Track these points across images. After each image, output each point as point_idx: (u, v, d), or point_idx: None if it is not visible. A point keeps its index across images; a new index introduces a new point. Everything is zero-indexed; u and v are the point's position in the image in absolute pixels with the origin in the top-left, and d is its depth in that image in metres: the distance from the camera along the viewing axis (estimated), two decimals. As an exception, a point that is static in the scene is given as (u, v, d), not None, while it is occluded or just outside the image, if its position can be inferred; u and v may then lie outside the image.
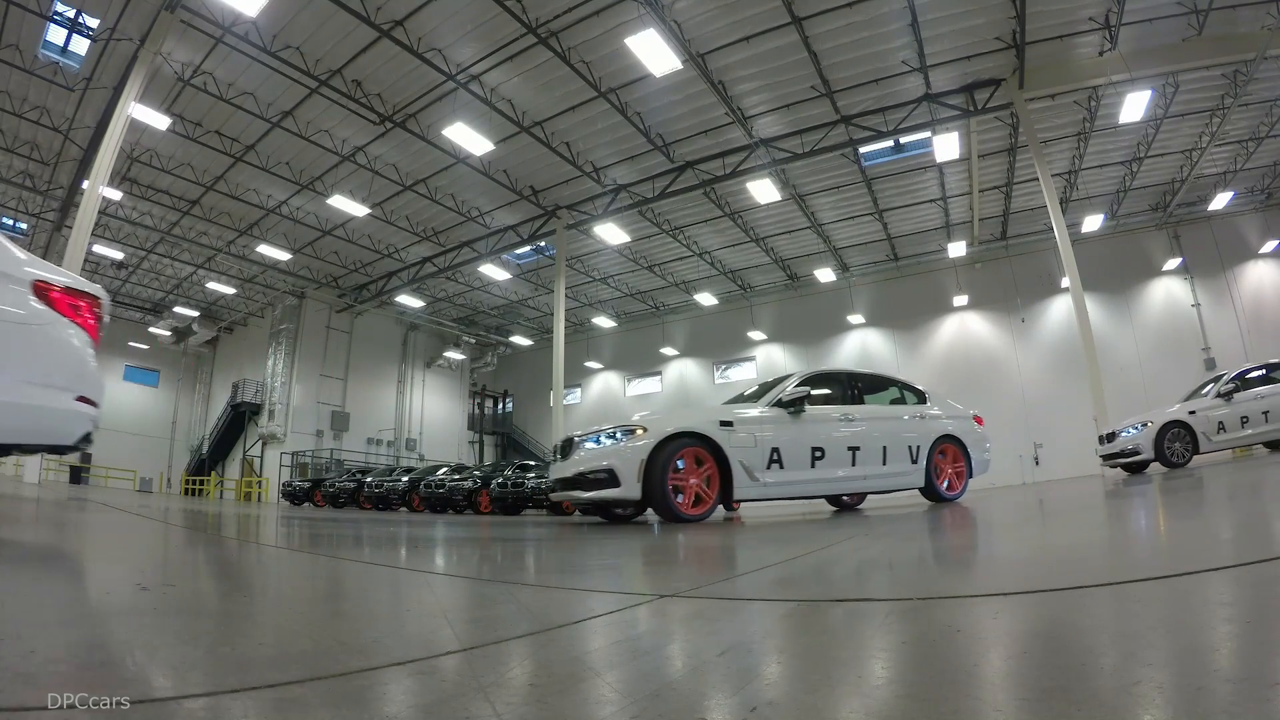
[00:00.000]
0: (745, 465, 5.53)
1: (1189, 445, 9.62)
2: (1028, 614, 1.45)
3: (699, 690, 1.03)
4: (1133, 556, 2.34)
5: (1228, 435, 9.60)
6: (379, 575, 2.38)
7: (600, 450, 5.48)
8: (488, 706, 0.90)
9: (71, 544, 2.57)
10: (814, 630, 1.42)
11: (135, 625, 1.27)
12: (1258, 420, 9.56)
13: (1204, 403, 9.85)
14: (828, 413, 6.44)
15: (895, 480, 6.76)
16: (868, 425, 6.63)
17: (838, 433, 6.33)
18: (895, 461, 6.66)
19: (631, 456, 5.27)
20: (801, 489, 6.06)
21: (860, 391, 6.98)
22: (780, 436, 5.88)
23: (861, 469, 6.40)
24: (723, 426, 5.58)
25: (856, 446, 6.36)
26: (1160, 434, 9.64)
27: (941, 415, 7.37)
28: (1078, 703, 0.82)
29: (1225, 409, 9.68)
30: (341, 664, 1.09)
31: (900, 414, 7.12)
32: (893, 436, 6.72)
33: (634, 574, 2.42)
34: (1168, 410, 10.07)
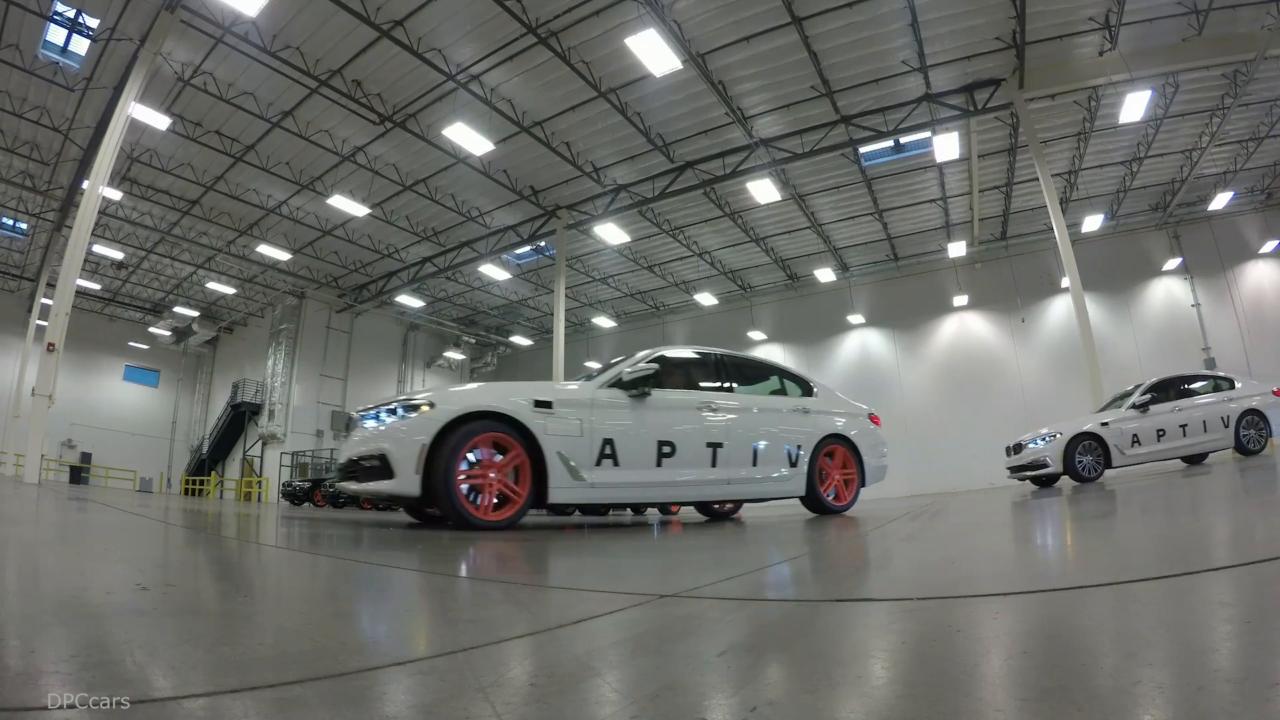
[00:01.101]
0: (566, 459, 4.39)
1: (1100, 459, 9.18)
2: (1028, 614, 1.45)
3: (699, 690, 1.03)
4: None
5: (1142, 449, 9.20)
6: (379, 575, 2.38)
7: (375, 431, 4.25)
8: (488, 706, 0.90)
9: (71, 543, 2.57)
10: (815, 630, 1.42)
11: (135, 625, 1.27)
12: (1174, 434, 9.24)
13: (1118, 414, 9.47)
14: (683, 399, 5.24)
15: (768, 486, 5.61)
16: (735, 418, 5.46)
17: (694, 425, 5.17)
18: (769, 464, 5.58)
19: (409, 440, 4.02)
20: (643, 493, 4.91)
21: (729, 377, 5.84)
22: (617, 425, 4.75)
23: (724, 471, 5.26)
24: (538, 408, 4.40)
25: (719, 443, 5.22)
26: (1070, 446, 9.18)
27: (830, 411, 6.28)
28: (1078, 703, 0.82)
29: (1140, 421, 9.30)
30: (341, 664, 1.09)
31: (778, 407, 5.95)
32: (767, 433, 5.65)
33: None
34: (1078, 421, 9.64)
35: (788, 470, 5.72)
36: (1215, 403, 9.54)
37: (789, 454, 5.73)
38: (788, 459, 5.73)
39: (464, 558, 2.88)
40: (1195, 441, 9.34)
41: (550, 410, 4.45)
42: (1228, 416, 9.36)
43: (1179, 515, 3.59)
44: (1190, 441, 9.31)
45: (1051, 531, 3.46)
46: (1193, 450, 9.48)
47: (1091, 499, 5.58)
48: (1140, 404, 9.43)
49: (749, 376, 6.20)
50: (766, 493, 5.71)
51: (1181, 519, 3.41)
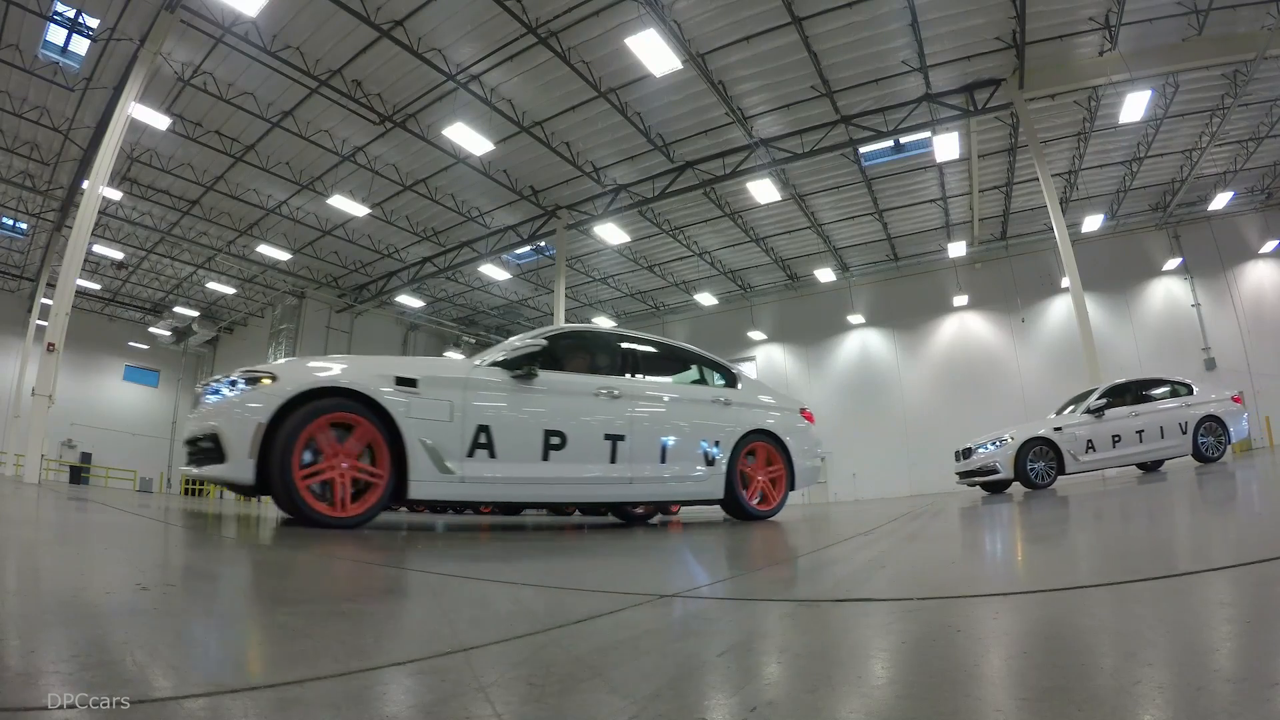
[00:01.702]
0: (431, 447, 3.76)
1: (1053, 465, 8.87)
2: (1028, 614, 1.45)
3: (699, 690, 1.03)
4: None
5: (1097, 455, 8.91)
6: (379, 575, 2.37)
7: (212, 407, 3.58)
8: (488, 706, 0.90)
9: (71, 543, 2.57)
10: (815, 629, 1.42)
11: (135, 625, 1.27)
12: (1131, 440, 8.98)
13: (1072, 419, 9.18)
14: (577, 383, 4.58)
15: (679, 488, 4.94)
16: (641, 407, 4.80)
17: (590, 414, 4.52)
18: (680, 461, 4.92)
19: (243, 417, 3.39)
20: (526, 491, 4.24)
21: (637, 362, 5.11)
22: (495, 410, 4.11)
23: (626, 468, 4.59)
24: (400, 386, 3.76)
25: (619, 436, 4.56)
26: (1021, 451, 8.88)
27: (755, 404, 5.67)
28: (1078, 703, 0.82)
29: (1095, 426, 8.99)
30: (342, 663, 1.09)
31: (695, 397, 5.33)
32: (679, 426, 5.00)
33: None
34: (1031, 425, 9.36)
35: (703, 469, 5.07)
36: (1173, 408, 9.31)
37: (705, 451, 5.08)
38: (704, 457, 5.07)
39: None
40: (1152, 448, 9.10)
41: (415, 390, 3.80)
42: (1186, 423, 9.13)
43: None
44: (1147, 448, 9.08)
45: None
46: (1149, 457, 9.24)
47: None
48: (1095, 409, 9.13)
49: (661, 362, 5.48)
50: (677, 495, 5.02)
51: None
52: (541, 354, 4.44)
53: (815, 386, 25.24)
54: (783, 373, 25.93)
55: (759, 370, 26.61)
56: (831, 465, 23.78)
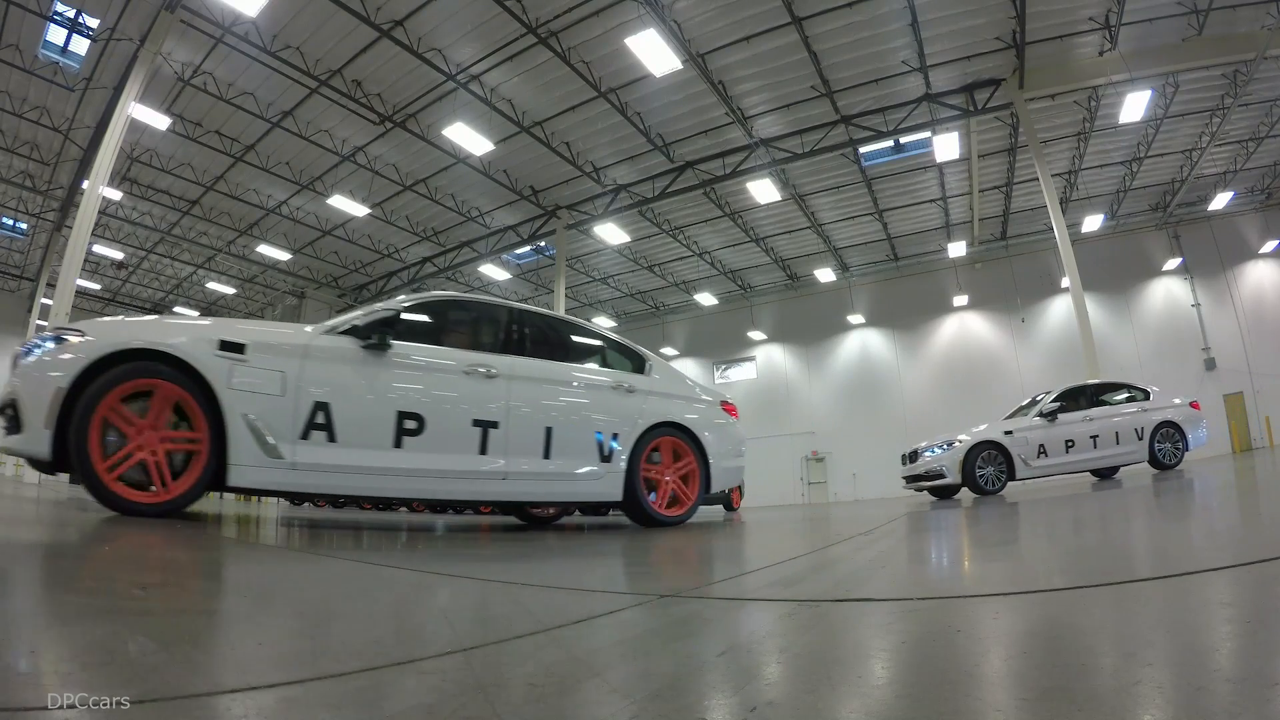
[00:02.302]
0: (257, 426, 3.17)
1: (1003, 470, 8.54)
2: (1028, 614, 1.45)
3: (699, 690, 1.03)
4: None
5: (1049, 460, 8.61)
6: (378, 575, 2.38)
7: (19, 369, 3.09)
8: (488, 706, 0.90)
9: (72, 543, 2.57)
10: (814, 629, 1.42)
11: (136, 625, 1.27)
12: (1084, 446, 8.67)
13: (1023, 422, 8.87)
14: (444, 359, 3.91)
15: (566, 486, 4.28)
16: (521, 390, 4.11)
17: (457, 394, 3.84)
18: (568, 455, 4.25)
19: (41, 380, 2.93)
20: (371, 483, 3.55)
21: (524, 338, 4.42)
22: (338, 385, 3.47)
23: (499, 461, 3.91)
24: (225, 352, 3.18)
25: (492, 422, 3.88)
26: (970, 455, 8.53)
27: (665, 394, 4.97)
28: (1078, 703, 0.82)
29: (1047, 430, 8.68)
30: (341, 664, 1.09)
31: (590, 381, 4.63)
32: (569, 414, 4.35)
33: None
34: (980, 429, 9.00)
35: (598, 465, 4.37)
36: (1129, 414, 9.03)
37: (600, 444, 4.39)
38: (598, 451, 4.38)
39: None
40: (1107, 454, 8.78)
41: (242, 356, 3.22)
42: (1142, 428, 8.85)
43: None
44: (1101, 454, 8.76)
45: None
46: (1104, 463, 8.95)
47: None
48: (1048, 412, 8.84)
49: (555, 341, 4.77)
50: (564, 495, 4.36)
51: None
52: (403, 322, 3.83)
53: (815, 386, 25.26)
54: (783, 373, 25.94)
55: (759, 370, 26.61)
56: (832, 465, 23.79)
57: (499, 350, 4.23)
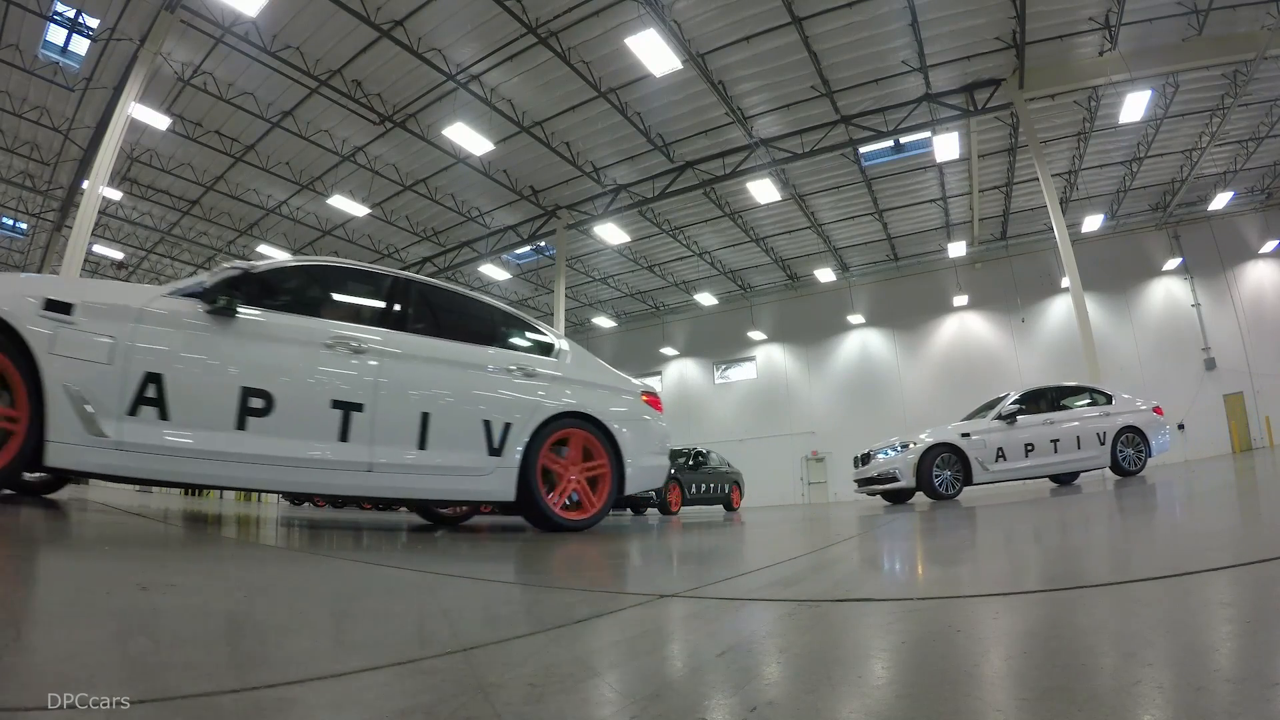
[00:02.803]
0: (79, 397, 2.78)
1: (960, 474, 8.17)
2: (1028, 614, 1.45)
3: (699, 690, 1.03)
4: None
5: (1008, 464, 8.28)
6: (378, 575, 2.38)
7: None
8: (488, 706, 0.90)
9: (72, 543, 2.57)
10: (815, 629, 1.43)
11: (136, 625, 1.27)
12: (1045, 450, 8.36)
13: (981, 425, 8.55)
14: (303, 329, 3.39)
15: (445, 482, 3.72)
16: (395, 368, 3.58)
17: (315, 371, 3.34)
18: (449, 445, 3.68)
19: None
20: (209, 470, 3.06)
21: (407, 311, 3.89)
22: (174, 355, 3.04)
23: (364, 449, 3.39)
24: (50, 312, 2.79)
25: (355, 404, 3.37)
26: (925, 458, 8.15)
27: (574, 380, 4.42)
28: (1078, 703, 0.82)
29: (1006, 433, 8.35)
30: (342, 664, 1.09)
31: (482, 362, 4.03)
32: (451, 399, 3.76)
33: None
34: (936, 431, 8.68)
35: (485, 459, 3.81)
36: (1091, 418, 8.75)
37: (489, 434, 3.83)
38: (485, 441, 3.82)
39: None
40: (1068, 459, 8.49)
41: (68, 318, 2.81)
42: (1104, 433, 8.58)
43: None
44: (1062, 458, 8.46)
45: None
46: (1064, 468, 8.67)
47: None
48: (1007, 414, 8.55)
49: (444, 316, 4.20)
50: (442, 491, 3.78)
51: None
52: (259, 285, 3.35)
53: (815, 387, 25.26)
54: (783, 373, 25.95)
55: (759, 370, 26.60)
56: (832, 465, 23.78)
57: (374, 323, 3.70)
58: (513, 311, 4.65)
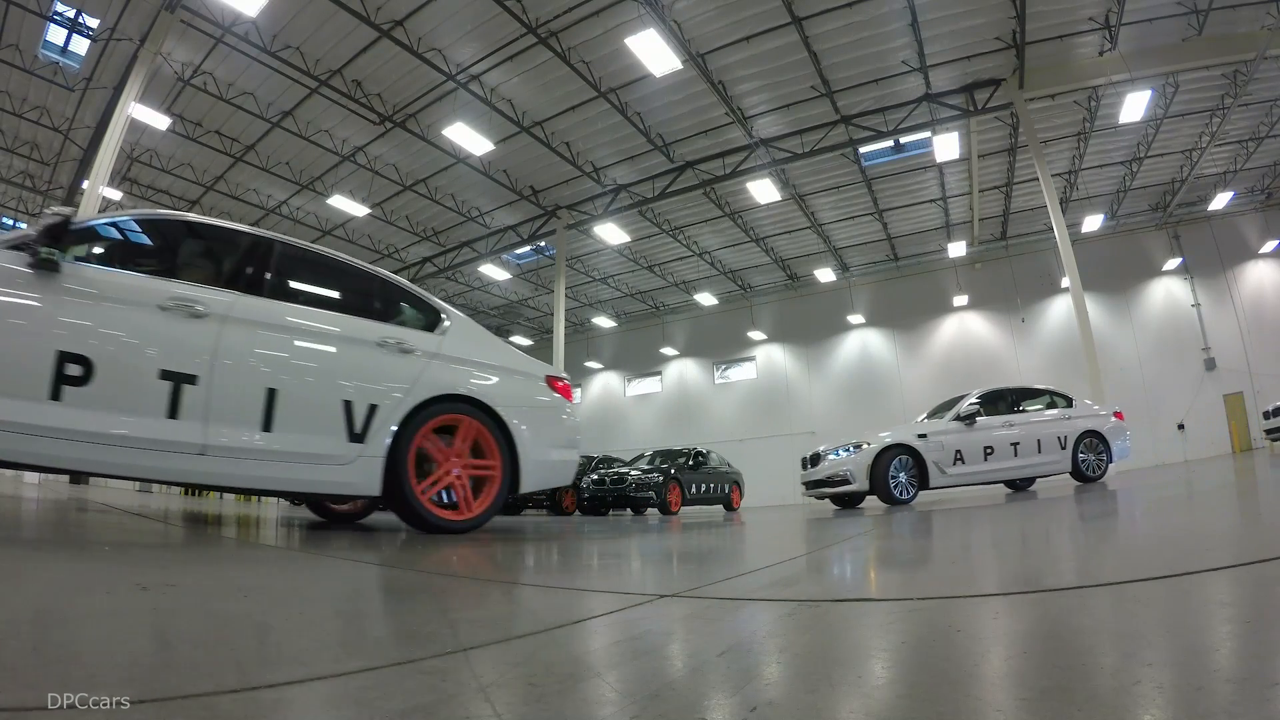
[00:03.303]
0: None
1: (915, 477, 7.79)
2: (1028, 614, 1.45)
3: (699, 690, 1.03)
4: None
5: (966, 468, 7.89)
6: (379, 575, 2.38)
7: None
8: (488, 706, 0.90)
9: (72, 543, 2.58)
10: (815, 629, 1.43)
11: (136, 625, 1.27)
12: (1005, 453, 8.02)
13: (939, 425, 8.15)
14: (134, 287, 2.93)
15: (294, 470, 3.16)
16: (237, 335, 3.09)
17: (144, 335, 2.87)
18: (299, 427, 3.17)
19: None
20: (13, 445, 2.58)
21: (266, 275, 3.41)
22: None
23: (198, 429, 2.91)
24: None
25: (188, 376, 2.90)
26: (879, 460, 7.73)
27: (460, 359, 3.87)
28: (1078, 703, 0.82)
29: (965, 435, 7.97)
30: (342, 664, 1.09)
31: (348, 334, 3.50)
32: (304, 374, 3.28)
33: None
34: (891, 431, 8.27)
35: (344, 445, 3.30)
36: (1052, 421, 8.49)
37: (350, 417, 3.32)
38: (346, 425, 3.31)
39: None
40: (1028, 463, 8.18)
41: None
42: (1065, 437, 8.30)
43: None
44: (1022, 462, 8.14)
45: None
46: (1024, 473, 8.39)
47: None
48: (966, 415, 8.14)
49: (311, 281, 3.72)
50: (289, 481, 3.20)
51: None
52: (88, 237, 2.99)
53: (815, 387, 25.26)
54: (783, 373, 25.95)
55: (759, 370, 26.58)
56: (831, 465, 23.75)
57: (224, 286, 3.21)
58: (394, 279, 4.06)
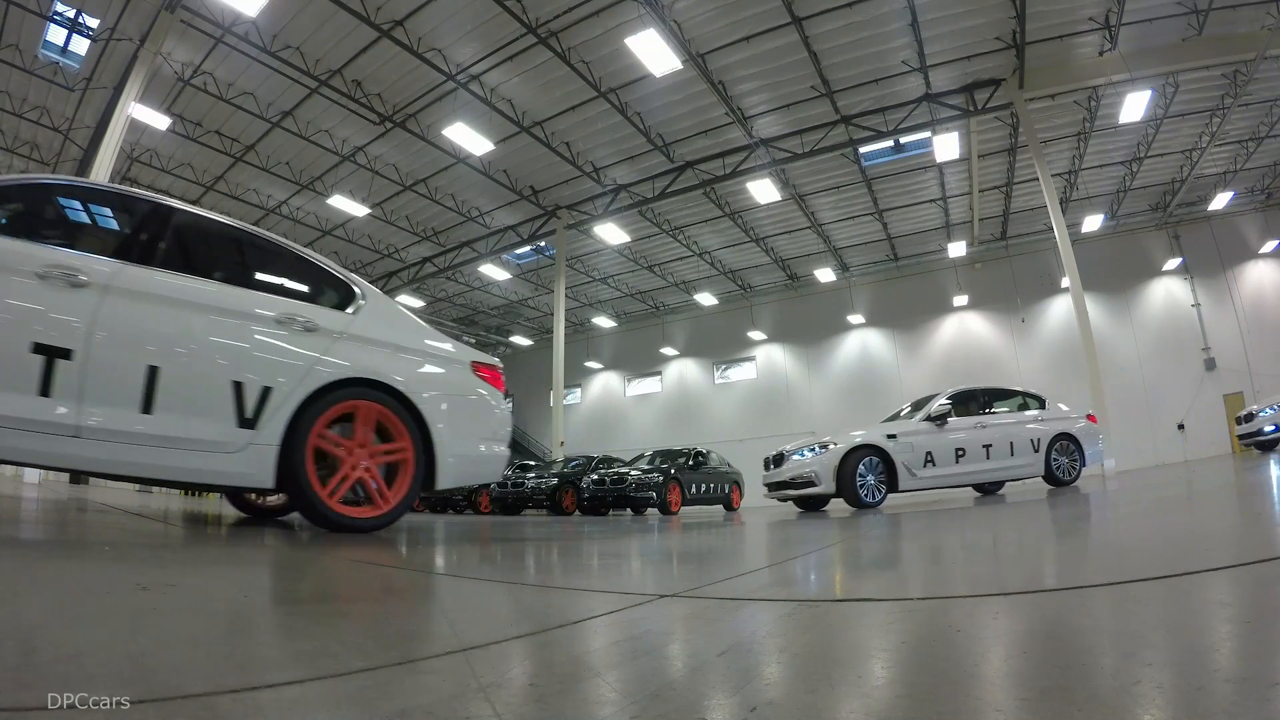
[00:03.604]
0: None
1: (883, 479, 7.59)
2: (1028, 614, 1.45)
3: (699, 690, 1.03)
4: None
5: (937, 470, 7.67)
6: (378, 575, 2.38)
7: None
8: (488, 706, 0.90)
9: (72, 543, 2.57)
10: (815, 629, 1.43)
11: (136, 625, 1.27)
12: (977, 456, 7.86)
13: (909, 425, 7.95)
14: (7, 252, 2.64)
15: (176, 457, 2.85)
16: (119, 307, 2.82)
17: (14, 302, 2.61)
18: (184, 410, 2.89)
19: None
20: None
21: (160, 245, 3.19)
22: None
23: (71, 409, 2.63)
24: None
25: (63, 350, 2.62)
26: (846, 461, 7.47)
27: (371, 340, 3.54)
28: (1078, 703, 0.82)
29: (936, 436, 7.80)
30: (342, 664, 1.09)
31: (244, 308, 3.20)
32: (190, 351, 2.98)
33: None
34: (859, 432, 8.01)
35: (233, 431, 2.99)
36: (1025, 423, 8.34)
37: (240, 400, 3.01)
38: (235, 408, 3.00)
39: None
40: (1001, 466, 8.00)
41: None
42: (1038, 440, 8.14)
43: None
44: (995, 465, 7.96)
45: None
46: (997, 476, 8.21)
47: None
48: (938, 415, 7.93)
49: (211, 253, 3.51)
50: (173, 470, 2.89)
51: None
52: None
53: (815, 387, 25.27)
54: (783, 373, 25.96)
55: (759, 370, 26.58)
56: (831, 465, 23.77)
57: (111, 255, 2.96)
58: (303, 253, 3.75)
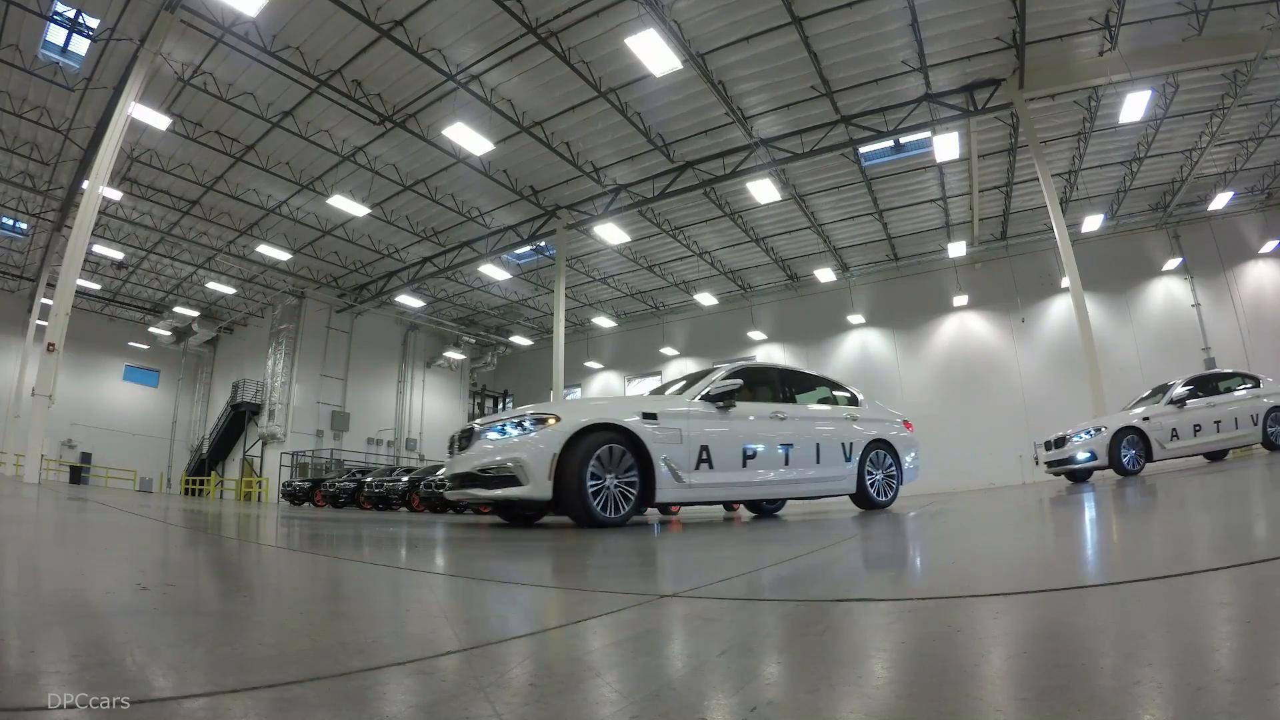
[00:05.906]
0: None
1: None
2: (1028, 614, 1.45)
3: (699, 690, 1.03)
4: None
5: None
6: (378, 575, 2.38)
7: None
8: (488, 706, 0.90)
9: (72, 543, 2.58)
10: (814, 629, 1.42)
11: (135, 625, 1.27)
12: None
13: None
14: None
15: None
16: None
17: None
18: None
19: None
20: None
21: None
22: None
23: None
24: None
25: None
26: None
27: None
28: (1078, 703, 0.82)
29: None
30: (342, 664, 1.09)
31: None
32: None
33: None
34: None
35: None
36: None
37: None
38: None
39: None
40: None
41: None
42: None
43: None
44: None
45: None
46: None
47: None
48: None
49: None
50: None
51: None
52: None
53: (815, 386, 25.24)
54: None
55: (759, 370, 26.54)
56: (831, 465, 23.74)
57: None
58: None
